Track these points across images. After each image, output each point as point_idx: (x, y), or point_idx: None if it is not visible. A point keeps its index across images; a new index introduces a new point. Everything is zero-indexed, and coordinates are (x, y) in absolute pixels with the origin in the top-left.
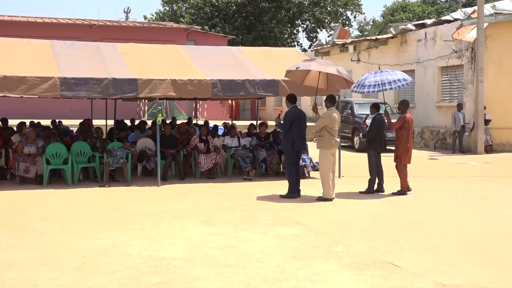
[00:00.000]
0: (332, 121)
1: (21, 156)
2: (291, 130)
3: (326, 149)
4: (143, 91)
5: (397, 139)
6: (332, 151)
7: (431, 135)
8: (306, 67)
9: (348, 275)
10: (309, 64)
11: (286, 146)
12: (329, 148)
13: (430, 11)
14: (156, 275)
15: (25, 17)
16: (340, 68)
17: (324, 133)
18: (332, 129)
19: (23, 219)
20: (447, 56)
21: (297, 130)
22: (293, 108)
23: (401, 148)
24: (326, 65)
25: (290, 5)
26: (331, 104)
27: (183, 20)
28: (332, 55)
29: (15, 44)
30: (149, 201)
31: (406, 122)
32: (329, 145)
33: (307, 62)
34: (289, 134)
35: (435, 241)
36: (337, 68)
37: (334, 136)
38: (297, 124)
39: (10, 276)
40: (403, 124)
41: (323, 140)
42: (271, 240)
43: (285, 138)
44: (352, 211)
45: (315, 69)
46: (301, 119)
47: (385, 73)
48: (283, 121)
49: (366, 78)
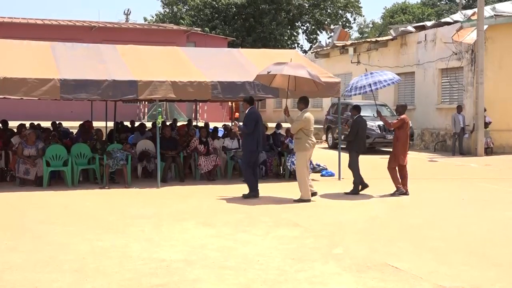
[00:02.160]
0: (308, 122)
1: (21, 158)
2: (254, 132)
3: (304, 151)
4: (143, 93)
5: (396, 139)
6: (310, 153)
7: (431, 137)
8: (278, 71)
9: (348, 277)
10: (281, 68)
11: (251, 147)
12: (307, 149)
13: (430, 13)
14: (156, 277)
15: (25, 19)
16: (310, 70)
17: (301, 135)
18: (308, 130)
19: (23, 221)
20: (447, 58)
21: (259, 130)
22: (253, 109)
23: (400, 147)
24: (297, 68)
25: (290, 7)
26: (304, 106)
27: (183, 22)
28: (332, 57)
29: (15, 46)
30: (149, 203)
31: (405, 122)
32: (307, 147)
33: (278, 65)
34: (253, 134)
35: (435, 243)
36: (308, 71)
37: (310, 137)
38: (259, 125)
39: (9, 278)
40: (402, 124)
41: (301, 142)
42: (271, 242)
43: (249, 138)
44: (352, 213)
45: (287, 73)
46: (260, 120)
47: (375, 75)
48: (246, 122)
49: (358, 81)
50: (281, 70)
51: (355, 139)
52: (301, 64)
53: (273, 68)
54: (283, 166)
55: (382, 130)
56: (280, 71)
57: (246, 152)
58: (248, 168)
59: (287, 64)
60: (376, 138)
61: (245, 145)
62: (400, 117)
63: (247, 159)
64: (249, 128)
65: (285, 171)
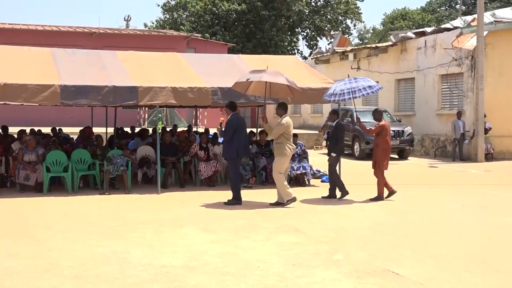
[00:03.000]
0: (288, 127)
1: (21, 164)
2: (234, 138)
3: (285, 156)
4: (144, 99)
5: (375, 145)
6: (289, 157)
7: (431, 143)
8: (257, 78)
9: (348, 284)
10: (259, 75)
11: (231, 154)
12: (286, 154)
13: (430, 19)
14: (157, 283)
15: (26, 25)
16: (288, 77)
17: (282, 140)
18: (289, 135)
19: (23, 227)
20: (447, 64)
21: (240, 137)
22: (234, 116)
23: (379, 154)
24: (275, 75)
25: (290, 13)
26: (284, 111)
27: (184, 28)
28: (332, 63)
29: (16, 52)
30: (149, 208)
31: (384, 129)
32: (287, 152)
33: (257, 73)
34: (232, 141)
35: (435, 249)
36: (286, 78)
37: (290, 142)
38: (240, 131)
39: (10, 284)
40: (380, 130)
41: (282, 147)
42: (271, 248)
43: (229, 145)
44: (353, 219)
45: (266, 79)
46: (243, 126)
47: (355, 81)
48: (225, 129)
49: (337, 87)
50: (260, 77)
51: (338, 143)
52: (279, 72)
53: (252, 76)
54: None
55: None
56: (259, 78)
57: (228, 159)
58: (236, 175)
59: (265, 71)
60: None
61: (225, 152)
62: (379, 124)
63: (231, 166)
64: (227, 135)
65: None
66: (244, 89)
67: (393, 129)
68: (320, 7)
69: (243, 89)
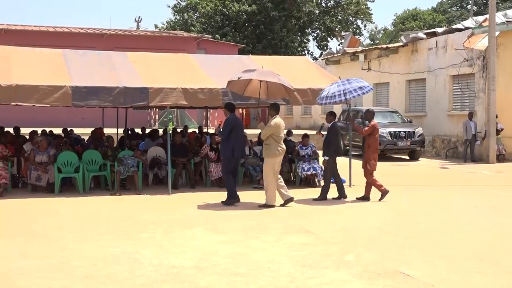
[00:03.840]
0: (277, 128)
1: (33, 165)
2: (230, 138)
3: (274, 157)
4: (154, 100)
5: (367, 146)
6: (279, 159)
7: (442, 144)
8: (248, 76)
9: (359, 285)
10: (250, 74)
11: (227, 153)
12: (276, 155)
13: (441, 19)
14: (167, 284)
15: (37, 27)
16: (281, 76)
17: (270, 141)
18: (278, 137)
19: (35, 227)
20: (458, 65)
21: (237, 137)
22: (232, 116)
23: (370, 154)
24: (267, 74)
25: (301, 14)
26: (275, 112)
27: (194, 29)
28: (342, 64)
29: (27, 53)
30: (160, 209)
31: (375, 129)
32: (276, 153)
33: (248, 72)
34: (229, 141)
35: (446, 250)
36: (278, 77)
37: (280, 144)
38: (236, 131)
39: (22, 284)
40: (372, 130)
41: (270, 148)
42: (281, 249)
43: (225, 145)
44: (363, 220)
45: (257, 78)
46: (240, 127)
47: (348, 83)
48: (222, 129)
49: (330, 90)
50: (250, 76)
51: (330, 146)
52: (271, 71)
53: (243, 75)
54: (294, 172)
55: (393, 137)
56: (250, 76)
57: (224, 159)
58: (229, 175)
59: (257, 70)
60: (387, 145)
61: (222, 152)
62: (371, 124)
63: (225, 165)
64: (223, 135)
65: (295, 178)
66: (240, 90)
67: (403, 130)
68: (330, 7)
69: (239, 90)
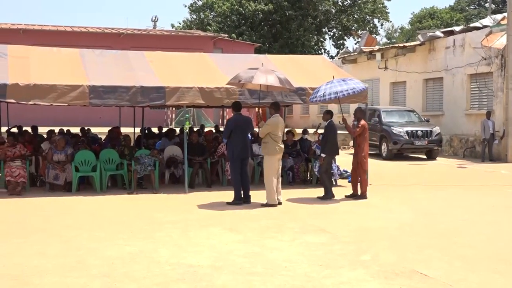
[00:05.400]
0: (275, 127)
1: (50, 163)
2: (232, 138)
3: (271, 155)
4: (171, 99)
5: (358, 145)
6: (277, 157)
7: (460, 143)
8: (248, 80)
9: (376, 284)
10: (251, 76)
11: (229, 153)
12: (273, 154)
13: (458, 18)
14: (184, 282)
15: (55, 26)
16: (280, 75)
17: (268, 140)
18: (276, 136)
19: (52, 226)
20: (476, 63)
21: (238, 137)
22: (235, 116)
23: (362, 154)
24: (268, 74)
25: (317, 12)
26: (275, 111)
27: (210, 28)
28: (359, 63)
29: (45, 53)
30: (176, 208)
31: (365, 129)
32: (273, 151)
33: (250, 72)
34: (231, 141)
35: (464, 250)
36: (278, 77)
37: (278, 143)
38: (238, 131)
39: (39, 282)
40: (363, 130)
41: (267, 146)
42: (298, 248)
43: (228, 145)
44: (380, 219)
45: (257, 82)
46: (242, 127)
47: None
48: (224, 128)
49: (327, 89)
50: (251, 79)
51: (327, 144)
52: (272, 70)
53: (244, 77)
54: (310, 172)
55: (410, 136)
56: (250, 79)
57: (229, 159)
58: (236, 175)
59: (258, 69)
60: (404, 144)
61: (227, 152)
62: (361, 124)
63: (230, 166)
64: (224, 136)
65: (312, 177)
66: (240, 84)
67: (421, 129)
68: (347, 6)
69: (239, 85)
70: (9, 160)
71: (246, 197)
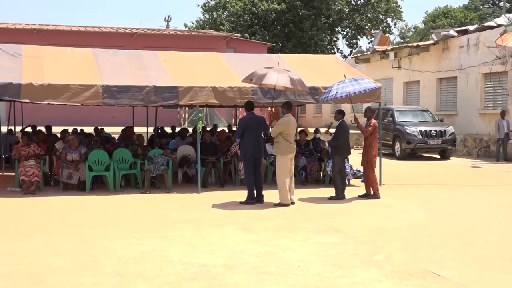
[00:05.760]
0: (287, 127)
1: (64, 163)
2: (244, 138)
3: (283, 155)
4: (184, 99)
5: (368, 144)
6: (289, 157)
7: (474, 143)
8: (260, 79)
9: (389, 284)
10: (263, 75)
11: (241, 153)
12: (285, 153)
13: (472, 17)
14: (197, 282)
15: (69, 26)
16: (294, 75)
17: (280, 139)
18: (288, 135)
19: (66, 225)
20: (491, 63)
21: (251, 137)
22: (248, 115)
23: (373, 153)
24: (280, 75)
25: (330, 12)
26: (287, 110)
27: (223, 28)
28: (372, 62)
29: (59, 53)
30: (189, 207)
31: (376, 128)
32: (285, 151)
33: (263, 71)
34: (243, 141)
35: (478, 250)
36: (290, 78)
37: (290, 142)
38: (250, 131)
39: (53, 280)
40: (374, 129)
41: (279, 146)
42: (311, 248)
43: (241, 145)
44: (393, 219)
45: (268, 82)
46: (254, 127)
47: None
48: (236, 128)
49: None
50: (262, 79)
51: (339, 144)
52: (286, 70)
53: (256, 77)
54: (323, 171)
55: (424, 136)
56: (261, 79)
57: (242, 158)
58: (249, 175)
59: (272, 69)
60: (417, 144)
61: (240, 151)
62: (372, 123)
63: (245, 166)
64: (236, 135)
65: (325, 177)
66: (257, 83)
67: (434, 128)
68: (360, 5)
69: (255, 83)
70: (23, 159)
71: (259, 196)
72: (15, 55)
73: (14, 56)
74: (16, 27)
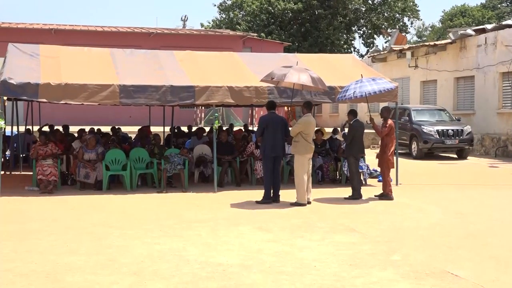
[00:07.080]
0: (307, 127)
1: (81, 162)
2: (264, 137)
3: (301, 154)
4: (200, 98)
5: (385, 145)
6: (307, 157)
7: (491, 142)
8: (281, 78)
9: (406, 284)
10: (284, 74)
11: (261, 152)
12: (303, 153)
13: (490, 15)
14: (213, 281)
15: (86, 26)
16: (314, 74)
17: (299, 139)
18: (307, 135)
19: (83, 224)
20: (508, 62)
21: (270, 136)
22: (268, 114)
23: (390, 153)
24: (301, 73)
25: (347, 11)
26: (307, 110)
27: (240, 28)
28: (389, 61)
29: (76, 53)
30: (205, 207)
31: (392, 127)
32: (304, 151)
33: (283, 70)
34: (263, 140)
35: (497, 251)
36: (310, 76)
37: (309, 142)
38: (270, 130)
39: (70, 279)
40: (390, 130)
41: (298, 145)
42: (327, 248)
43: (261, 144)
44: (410, 219)
45: (289, 80)
46: (274, 126)
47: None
48: (257, 127)
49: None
50: (283, 77)
51: (352, 144)
52: (306, 69)
53: (277, 75)
54: (340, 171)
55: (441, 135)
56: (282, 78)
57: (262, 157)
58: (267, 174)
59: (292, 68)
60: (434, 143)
61: (260, 150)
62: (388, 124)
63: (263, 165)
64: (256, 134)
65: (341, 176)
66: (276, 82)
67: (452, 128)
68: (377, 5)
69: (275, 82)
70: (41, 158)
71: (276, 196)
72: (33, 55)
73: (32, 56)
74: (34, 27)
